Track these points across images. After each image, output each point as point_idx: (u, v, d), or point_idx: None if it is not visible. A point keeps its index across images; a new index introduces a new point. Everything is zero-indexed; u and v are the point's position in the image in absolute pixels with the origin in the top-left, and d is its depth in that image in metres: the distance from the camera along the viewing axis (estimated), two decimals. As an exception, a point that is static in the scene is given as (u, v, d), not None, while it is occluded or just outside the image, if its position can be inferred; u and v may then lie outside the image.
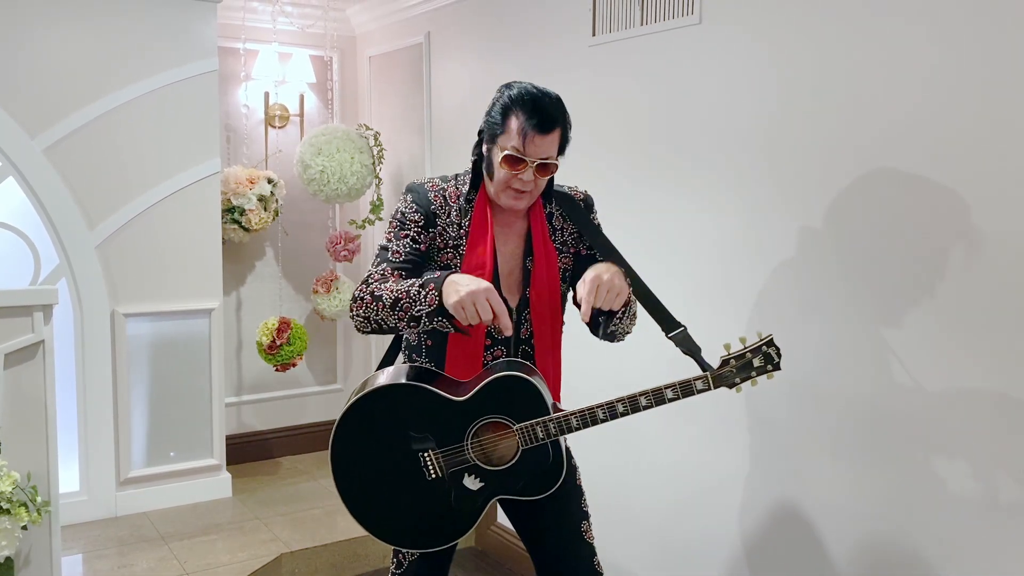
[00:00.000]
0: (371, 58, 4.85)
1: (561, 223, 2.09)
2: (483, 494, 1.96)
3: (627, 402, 1.88)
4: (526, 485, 1.98)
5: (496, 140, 1.95)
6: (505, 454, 1.95)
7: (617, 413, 1.89)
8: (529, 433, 1.92)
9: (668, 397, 1.87)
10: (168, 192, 4.03)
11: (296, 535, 3.79)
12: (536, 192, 1.99)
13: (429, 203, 2.02)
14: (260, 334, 4.41)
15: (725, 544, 2.73)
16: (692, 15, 2.74)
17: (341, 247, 4.58)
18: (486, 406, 1.93)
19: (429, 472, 1.93)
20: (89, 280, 3.88)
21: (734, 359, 1.90)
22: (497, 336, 2.01)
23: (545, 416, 1.92)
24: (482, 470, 1.95)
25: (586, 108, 3.18)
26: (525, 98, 1.91)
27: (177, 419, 4.15)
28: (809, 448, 2.46)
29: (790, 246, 2.49)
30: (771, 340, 1.90)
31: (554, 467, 1.98)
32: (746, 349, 1.90)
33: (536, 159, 1.91)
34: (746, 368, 1.89)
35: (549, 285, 2.04)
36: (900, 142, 2.19)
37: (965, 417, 2.09)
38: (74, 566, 3.49)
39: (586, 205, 2.13)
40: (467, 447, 1.94)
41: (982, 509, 2.07)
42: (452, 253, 2.01)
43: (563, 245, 2.09)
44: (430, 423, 1.93)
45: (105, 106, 3.86)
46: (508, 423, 1.93)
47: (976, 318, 2.05)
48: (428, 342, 2.06)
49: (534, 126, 1.88)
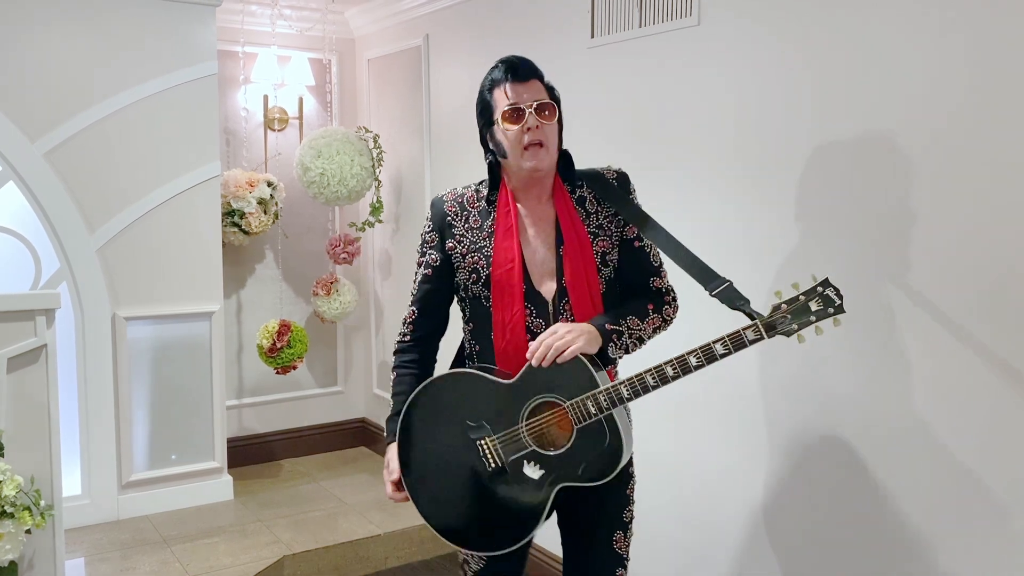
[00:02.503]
0: (370, 61, 4.86)
1: (595, 206, 2.03)
2: (546, 483, 1.92)
3: (676, 364, 1.82)
4: (585, 469, 1.91)
5: (493, 119, 1.97)
6: (561, 437, 1.91)
7: (668, 377, 1.82)
8: (581, 409, 1.87)
9: (720, 352, 1.80)
10: (168, 195, 4.04)
11: (298, 537, 3.80)
12: (551, 144, 1.95)
13: (444, 215, 2.04)
14: (260, 337, 4.41)
15: (727, 541, 2.74)
16: (691, 16, 2.75)
17: (341, 249, 4.59)
18: (535, 385, 1.91)
19: (489, 462, 1.93)
20: (90, 284, 3.88)
21: (785, 303, 1.80)
22: (536, 330, 1.98)
23: (594, 389, 1.87)
24: (540, 456, 1.92)
25: (585, 109, 3.19)
26: (495, 67, 1.98)
27: (178, 422, 4.15)
28: (810, 445, 2.47)
29: (789, 245, 2.49)
30: (827, 281, 1.80)
31: (612, 449, 1.90)
32: (799, 294, 1.80)
33: (531, 102, 1.93)
34: (803, 312, 1.79)
35: (586, 271, 1.99)
36: (898, 143, 2.20)
37: (963, 415, 2.10)
38: (77, 570, 3.50)
39: (620, 182, 2.06)
40: (522, 430, 1.92)
41: (983, 507, 2.08)
42: (477, 256, 2.00)
43: (599, 229, 2.02)
44: (485, 411, 1.95)
45: (105, 110, 3.87)
46: (559, 400, 1.90)
47: (975, 316, 2.06)
48: (476, 347, 2.07)
49: (512, 77, 1.94)
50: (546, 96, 1.97)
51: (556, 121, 1.97)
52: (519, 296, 1.97)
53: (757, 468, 2.63)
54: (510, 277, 1.97)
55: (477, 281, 2.01)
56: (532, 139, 1.92)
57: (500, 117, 1.94)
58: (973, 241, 2.06)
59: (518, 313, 1.97)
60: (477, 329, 2.05)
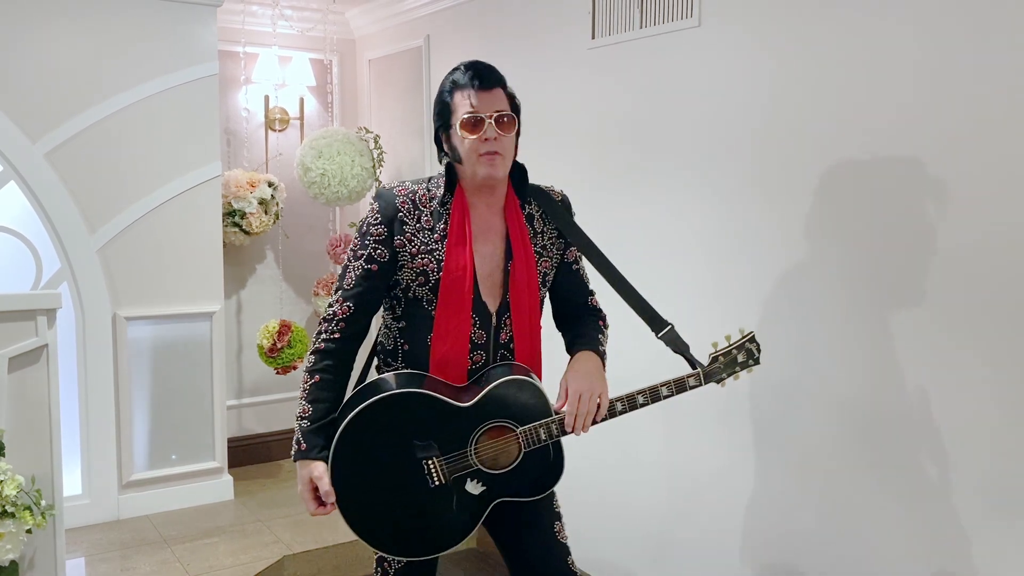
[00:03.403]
0: (371, 61, 4.86)
1: (542, 225, 2.06)
2: (484, 498, 1.97)
3: (625, 401, 1.96)
4: (527, 486, 1.99)
5: (451, 122, 1.95)
6: (507, 457, 1.96)
7: (616, 412, 1.96)
8: (532, 435, 1.93)
9: (664, 394, 1.96)
10: (169, 196, 4.04)
11: (298, 537, 3.80)
12: (508, 154, 1.96)
13: (396, 210, 1.97)
14: (261, 337, 4.41)
15: (720, 540, 2.74)
16: (691, 18, 2.75)
17: (342, 249, 4.59)
18: (490, 411, 1.94)
19: (433, 480, 1.92)
20: (91, 284, 3.89)
21: (722, 356, 2.01)
22: (478, 341, 2.00)
23: (547, 418, 1.93)
24: (484, 474, 1.95)
25: (585, 110, 3.19)
26: (458, 68, 1.96)
27: (179, 422, 4.15)
28: (802, 444, 2.47)
29: (793, 246, 2.50)
30: (752, 336, 2.03)
31: (554, 466, 2.00)
32: (732, 345, 2.01)
33: (492, 111, 1.92)
34: (731, 364, 2.01)
35: (528, 288, 2.02)
36: (894, 143, 2.20)
37: (955, 414, 2.10)
38: (77, 569, 3.50)
39: (565, 205, 2.11)
40: (471, 452, 1.94)
41: (974, 506, 2.08)
42: (428, 259, 1.96)
43: (543, 250, 2.06)
44: (434, 430, 1.92)
45: (106, 110, 3.88)
46: (511, 426, 1.94)
47: (965, 314, 2.07)
48: (405, 347, 2.03)
49: (476, 84, 1.92)
50: (507, 106, 1.96)
51: (514, 132, 1.97)
52: (467, 305, 1.97)
53: (749, 467, 2.63)
54: (461, 285, 1.96)
55: (424, 284, 1.97)
56: (489, 149, 1.92)
57: (459, 124, 1.93)
58: (959, 238, 2.06)
59: (465, 322, 1.97)
60: (410, 329, 2.02)
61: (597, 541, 3.16)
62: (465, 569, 3.66)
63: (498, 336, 2.02)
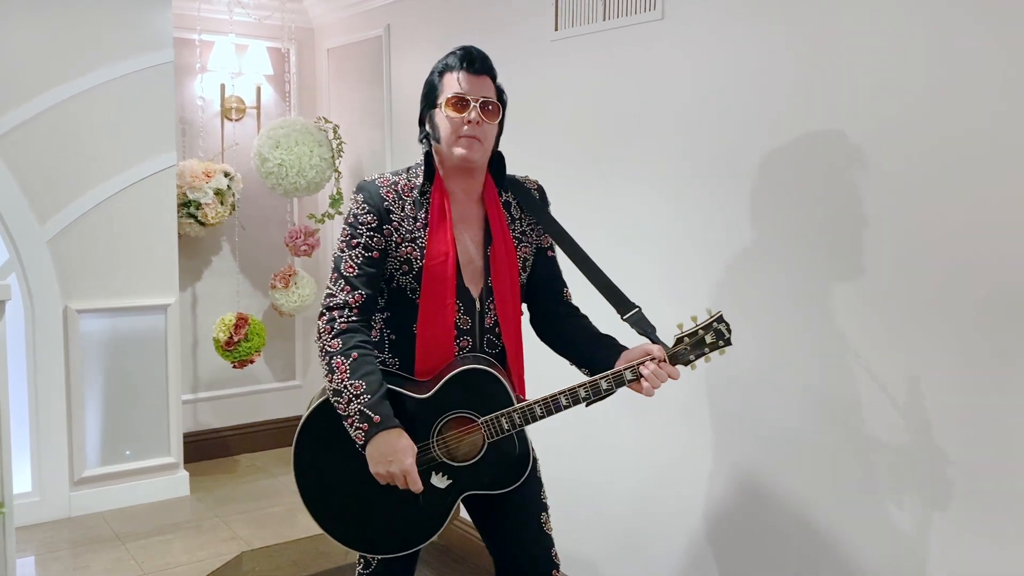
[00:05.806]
0: (329, 50, 4.80)
1: (519, 213, 2.09)
2: (452, 492, 1.96)
3: (588, 387, 1.91)
4: (494, 478, 1.98)
5: (436, 102, 1.97)
6: (471, 449, 1.95)
7: (580, 398, 1.91)
8: (494, 425, 1.93)
9: (627, 378, 1.91)
10: (122, 186, 3.96)
11: (257, 533, 3.75)
12: (487, 143, 1.98)
13: (381, 200, 1.97)
14: (217, 330, 4.35)
15: (689, 533, 2.76)
16: (655, 10, 2.75)
17: (301, 241, 4.53)
18: (449, 401, 1.93)
19: None
20: (40, 275, 3.79)
21: (687, 336, 1.95)
22: (463, 326, 2.00)
23: (509, 407, 1.93)
24: (449, 467, 1.95)
25: (548, 102, 3.18)
26: (452, 53, 1.98)
27: (133, 417, 4.07)
28: (769, 437, 2.49)
29: (751, 237, 2.52)
30: (720, 316, 1.96)
31: (521, 458, 2.00)
32: (698, 327, 1.96)
33: (479, 96, 1.94)
34: (699, 345, 1.95)
35: (509, 273, 2.04)
36: (862, 133, 2.22)
37: (925, 408, 2.13)
38: (27, 568, 3.42)
39: (540, 194, 2.15)
40: (433, 444, 1.93)
41: (940, 494, 2.12)
42: (411, 247, 1.97)
43: (522, 235, 2.09)
44: None
45: (56, 97, 3.78)
46: (473, 417, 1.93)
47: (933, 308, 2.10)
48: (392, 336, 2.04)
49: (467, 67, 1.95)
50: (494, 96, 1.98)
51: (498, 123, 2.00)
52: (451, 290, 1.98)
53: (718, 460, 2.65)
54: (444, 270, 1.97)
55: (408, 272, 1.98)
56: (470, 132, 1.94)
57: (444, 102, 1.95)
58: (927, 232, 2.09)
59: (450, 307, 1.98)
60: (395, 318, 2.03)
61: (570, 538, 3.16)
62: (428, 564, 3.65)
63: (483, 321, 2.03)
